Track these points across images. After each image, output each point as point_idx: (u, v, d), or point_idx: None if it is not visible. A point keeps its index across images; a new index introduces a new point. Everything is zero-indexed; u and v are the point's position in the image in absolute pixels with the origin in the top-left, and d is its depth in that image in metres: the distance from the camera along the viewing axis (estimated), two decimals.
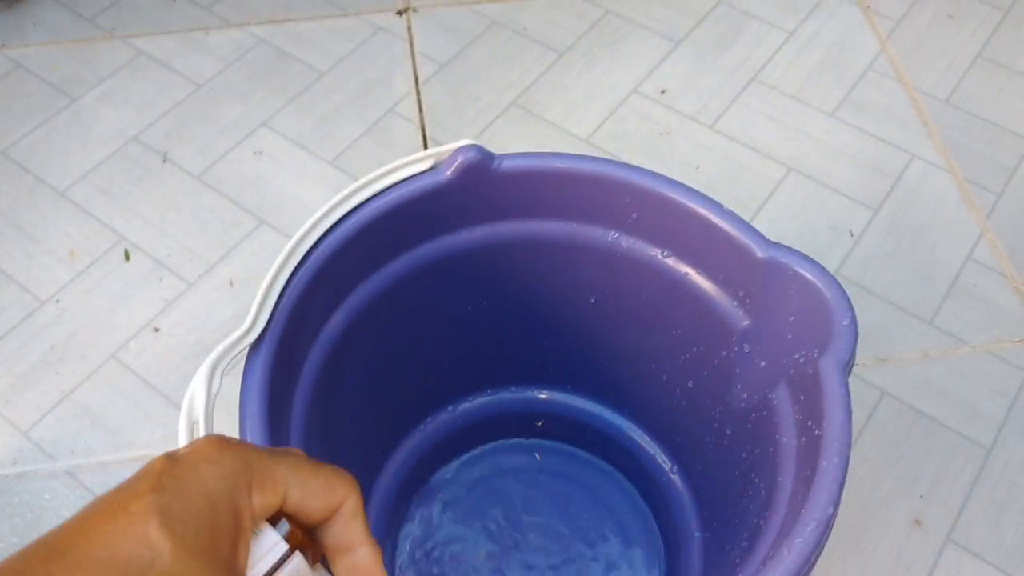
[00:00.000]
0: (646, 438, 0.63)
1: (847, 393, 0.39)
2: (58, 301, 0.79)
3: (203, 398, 0.37)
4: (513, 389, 0.66)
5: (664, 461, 0.62)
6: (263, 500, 0.29)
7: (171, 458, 0.28)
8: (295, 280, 0.44)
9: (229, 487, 0.28)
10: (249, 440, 0.40)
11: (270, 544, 0.30)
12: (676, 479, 0.61)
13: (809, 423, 0.41)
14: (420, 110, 0.91)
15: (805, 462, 0.40)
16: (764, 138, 0.89)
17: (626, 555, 0.62)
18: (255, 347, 0.42)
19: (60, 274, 0.80)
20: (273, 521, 0.30)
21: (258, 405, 0.40)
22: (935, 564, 0.66)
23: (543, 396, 0.66)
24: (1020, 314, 0.78)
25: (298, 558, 0.31)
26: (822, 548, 0.36)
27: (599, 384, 0.63)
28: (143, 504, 0.27)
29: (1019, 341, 0.77)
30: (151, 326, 0.78)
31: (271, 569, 0.30)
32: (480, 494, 0.65)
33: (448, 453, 0.66)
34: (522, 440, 0.68)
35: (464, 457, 0.66)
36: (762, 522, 0.41)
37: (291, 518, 0.31)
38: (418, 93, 0.92)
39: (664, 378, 0.57)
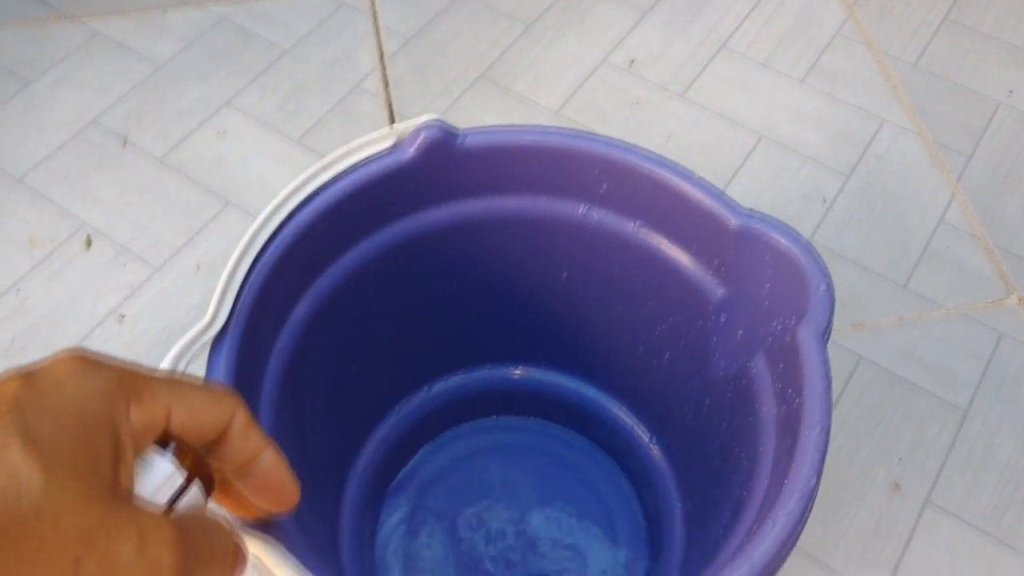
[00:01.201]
0: (624, 410, 0.63)
1: (826, 361, 0.39)
2: (18, 291, 0.77)
3: None
4: (488, 367, 0.65)
5: (643, 433, 0.61)
6: (144, 415, 0.26)
7: (27, 376, 0.25)
8: (256, 270, 0.42)
9: (103, 403, 0.24)
10: None
11: (164, 475, 0.27)
12: (655, 451, 0.60)
13: (789, 392, 0.40)
14: (386, 86, 0.89)
15: (786, 432, 0.40)
16: (735, 107, 0.88)
17: (609, 527, 0.62)
18: (217, 341, 0.40)
19: (20, 263, 0.78)
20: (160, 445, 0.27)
21: None
22: (915, 527, 0.66)
23: (519, 373, 0.65)
24: (992, 275, 0.78)
25: (195, 487, 0.28)
26: (806, 519, 0.36)
27: (575, 358, 0.62)
28: None
29: (992, 303, 0.77)
30: (116, 313, 0.76)
31: (168, 503, 0.27)
32: (459, 475, 0.64)
33: (424, 436, 0.65)
34: (499, 418, 0.67)
35: (441, 438, 0.65)
36: (745, 493, 0.41)
37: (179, 442, 0.28)
38: (384, 69, 0.90)
39: (640, 350, 0.56)
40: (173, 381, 0.28)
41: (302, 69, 0.90)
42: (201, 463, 0.29)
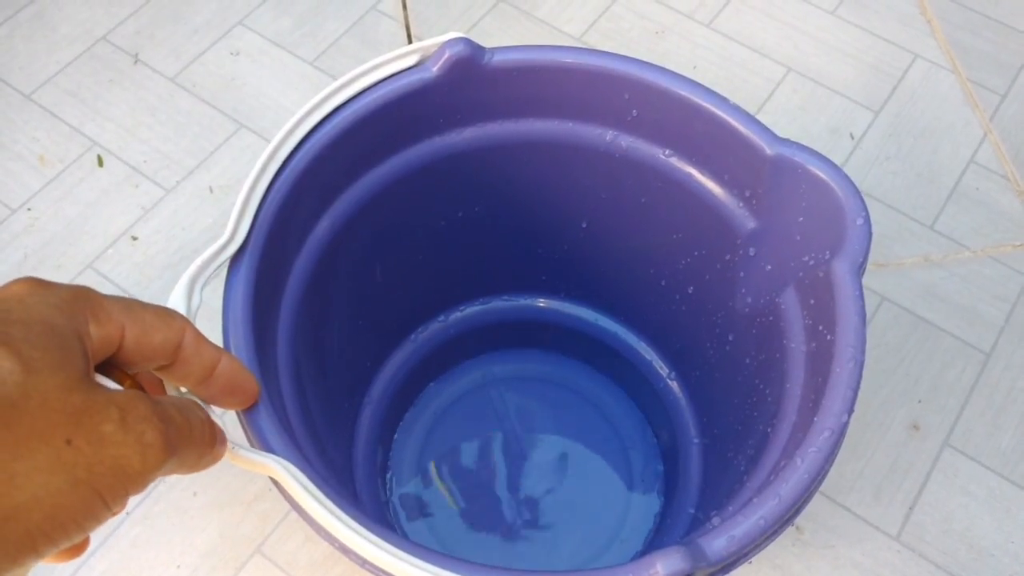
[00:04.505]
0: (642, 344, 0.62)
1: (861, 296, 0.38)
2: (29, 209, 0.76)
3: (184, 313, 0.35)
4: (505, 298, 0.64)
5: (661, 367, 0.61)
6: (101, 331, 0.27)
7: None
8: (276, 187, 0.41)
9: (64, 315, 0.26)
10: (233, 352, 0.38)
11: None
12: (674, 385, 0.60)
13: (820, 328, 0.39)
14: (404, 7, 0.87)
15: (815, 368, 0.39)
16: (763, 37, 0.85)
17: (624, 462, 0.61)
18: (236, 259, 0.39)
19: (30, 181, 0.77)
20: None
21: (242, 319, 0.38)
22: (932, 468, 0.65)
23: (537, 304, 0.64)
24: (1022, 218, 0.76)
25: None
26: (835, 456, 0.35)
27: (594, 291, 0.61)
28: None
29: (1020, 245, 0.75)
30: (128, 234, 0.75)
31: None
32: (474, 403, 0.64)
33: (440, 365, 0.64)
34: (515, 350, 0.66)
35: (457, 368, 0.64)
36: (769, 430, 0.40)
37: (132, 361, 0.29)
38: None
39: (663, 283, 0.55)
40: (124, 300, 0.29)
41: None
42: (139, 387, 0.30)
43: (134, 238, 0.75)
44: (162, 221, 0.75)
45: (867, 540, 0.63)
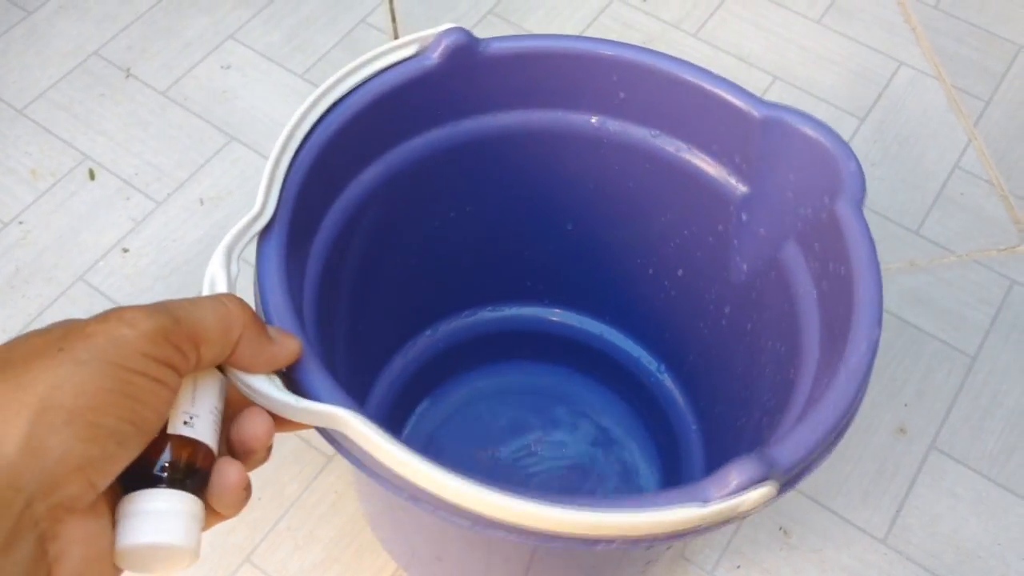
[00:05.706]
0: (629, 342, 0.62)
1: (867, 228, 0.39)
2: (21, 222, 0.76)
3: (224, 281, 0.35)
4: (490, 308, 0.64)
5: (650, 362, 0.61)
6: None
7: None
8: (292, 173, 0.41)
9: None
10: (275, 321, 0.37)
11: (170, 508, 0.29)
12: (664, 378, 0.60)
13: (830, 266, 0.40)
14: (393, 20, 0.88)
15: (831, 306, 0.40)
16: (749, 46, 0.87)
17: (618, 459, 0.61)
18: (265, 233, 0.39)
19: (22, 194, 0.77)
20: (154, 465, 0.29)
21: (280, 291, 0.37)
22: (919, 471, 0.65)
23: (521, 313, 0.64)
24: (1006, 222, 0.77)
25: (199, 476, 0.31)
26: (871, 373, 0.37)
27: (580, 293, 0.61)
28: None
29: (1005, 249, 0.76)
30: (120, 247, 0.75)
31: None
32: (464, 421, 0.63)
33: (427, 384, 0.63)
34: (500, 363, 0.66)
35: (443, 387, 0.64)
36: (792, 371, 0.41)
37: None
38: (391, 2, 0.89)
39: (650, 272, 0.55)
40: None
41: (307, 2, 0.89)
42: (192, 458, 0.30)
43: (125, 250, 0.75)
44: (153, 233, 0.76)
45: (854, 543, 0.63)
